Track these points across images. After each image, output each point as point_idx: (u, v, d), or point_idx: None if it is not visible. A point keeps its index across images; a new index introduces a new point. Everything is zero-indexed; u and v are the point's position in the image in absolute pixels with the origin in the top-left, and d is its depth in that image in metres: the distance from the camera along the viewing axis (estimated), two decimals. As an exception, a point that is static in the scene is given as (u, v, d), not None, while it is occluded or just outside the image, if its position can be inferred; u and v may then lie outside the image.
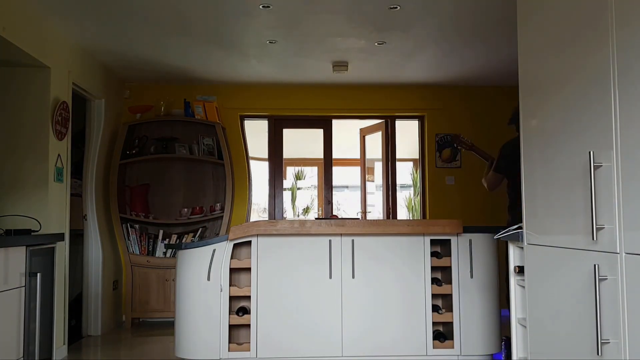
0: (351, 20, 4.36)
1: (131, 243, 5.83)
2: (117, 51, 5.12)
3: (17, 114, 4.26)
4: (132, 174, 6.14)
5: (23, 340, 3.25)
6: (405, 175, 9.52)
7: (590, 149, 1.88)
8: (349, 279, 3.93)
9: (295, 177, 10.87)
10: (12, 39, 3.76)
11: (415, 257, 3.96)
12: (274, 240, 3.94)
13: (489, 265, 4.01)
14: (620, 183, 1.75)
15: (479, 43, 4.95)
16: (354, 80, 6.15)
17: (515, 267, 2.83)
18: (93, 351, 4.88)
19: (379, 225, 4.00)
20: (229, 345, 3.86)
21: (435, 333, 3.95)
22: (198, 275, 3.88)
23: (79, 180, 5.44)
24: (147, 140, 6.06)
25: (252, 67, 5.64)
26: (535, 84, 2.46)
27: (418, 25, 4.48)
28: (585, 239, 1.94)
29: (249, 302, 3.96)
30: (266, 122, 6.62)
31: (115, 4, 4.01)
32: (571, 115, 2.10)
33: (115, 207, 5.75)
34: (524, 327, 2.66)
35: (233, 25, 4.45)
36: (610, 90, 1.81)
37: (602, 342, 1.82)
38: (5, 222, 3.96)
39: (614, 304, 1.78)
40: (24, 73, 4.28)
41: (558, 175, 2.19)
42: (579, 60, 2.04)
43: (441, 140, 6.47)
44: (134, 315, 5.78)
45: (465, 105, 6.47)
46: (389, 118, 6.63)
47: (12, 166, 4.22)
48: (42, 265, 3.52)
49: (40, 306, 3.42)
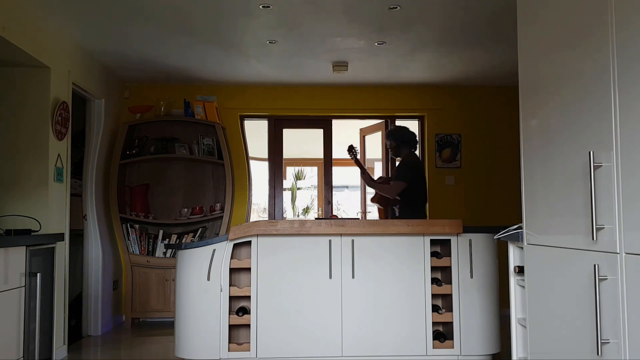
0: (351, 20, 4.36)
1: (131, 243, 5.83)
2: (117, 51, 5.12)
3: (17, 114, 4.26)
4: (132, 174, 6.14)
5: (23, 340, 3.26)
6: (405, 175, 9.49)
7: (590, 149, 1.88)
8: (349, 279, 3.93)
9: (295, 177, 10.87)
10: (12, 39, 3.76)
11: (415, 257, 3.96)
12: (274, 240, 3.94)
13: (489, 265, 4.01)
14: (620, 183, 1.75)
15: (478, 43, 4.95)
16: (354, 80, 6.15)
17: (515, 267, 2.83)
18: (93, 351, 4.88)
19: (379, 225, 4.00)
20: (229, 345, 3.86)
21: (435, 333, 3.95)
22: (198, 275, 3.88)
23: (79, 180, 5.44)
24: (147, 140, 6.06)
25: (252, 67, 5.64)
26: (535, 84, 2.46)
27: (418, 25, 4.48)
28: (585, 239, 1.94)
29: (248, 302, 3.96)
30: (266, 122, 6.62)
31: (115, 4, 4.01)
32: (571, 115, 2.10)
33: (115, 207, 5.75)
34: (524, 327, 2.66)
35: (233, 25, 4.45)
36: (610, 90, 1.81)
37: (602, 342, 1.82)
38: (5, 222, 3.96)
39: (614, 304, 1.78)
40: (24, 73, 4.28)
41: (558, 175, 2.19)
42: (579, 61, 2.04)
43: (441, 140, 6.48)
44: (134, 315, 5.78)
45: (465, 105, 6.47)
46: (389, 118, 6.63)
47: (12, 166, 4.22)
48: (42, 265, 3.53)
49: (40, 306, 3.42)
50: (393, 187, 4.88)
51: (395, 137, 5.08)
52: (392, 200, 4.96)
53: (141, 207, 5.98)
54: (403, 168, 4.98)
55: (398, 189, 4.84)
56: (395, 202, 4.93)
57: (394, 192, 4.87)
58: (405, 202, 4.88)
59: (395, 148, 5.08)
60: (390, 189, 4.90)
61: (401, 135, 5.10)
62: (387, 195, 4.93)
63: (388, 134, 5.17)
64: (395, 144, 5.07)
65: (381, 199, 5.09)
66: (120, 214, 5.78)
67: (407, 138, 5.07)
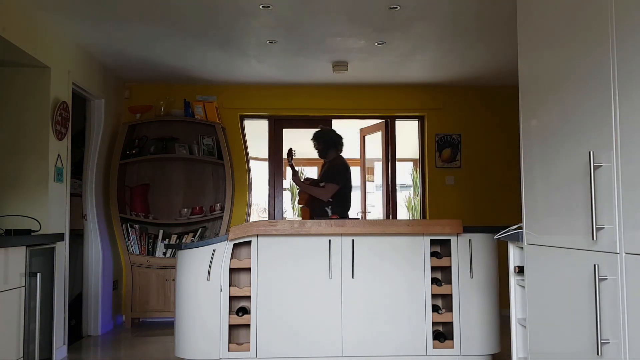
0: (351, 20, 4.36)
1: (131, 243, 5.83)
2: (117, 51, 5.12)
3: (17, 114, 4.26)
4: (132, 174, 6.14)
5: (23, 340, 3.25)
6: (405, 175, 9.51)
7: (590, 149, 1.88)
8: (349, 279, 3.93)
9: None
10: (12, 39, 3.76)
11: (415, 257, 3.96)
12: (274, 240, 3.94)
13: (489, 265, 4.01)
14: (620, 183, 1.75)
15: (478, 43, 4.95)
16: (354, 80, 6.14)
17: (515, 267, 2.83)
18: (93, 351, 4.88)
19: (378, 225, 4.00)
20: (229, 345, 3.86)
21: (435, 333, 3.95)
22: (198, 275, 3.88)
23: (79, 180, 5.44)
24: (147, 140, 6.06)
25: (252, 67, 5.64)
26: (535, 83, 2.46)
27: (418, 25, 4.48)
28: (585, 239, 1.94)
29: (248, 302, 3.96)
30: (266, 122, 6.62)
31: (115, 4, 4.01)
32: (571, 115, 2.10)
33: (115, 207, 5.75)
34: (524, 327, 2.66)
35: (233, 25, 4.45)
36: (611, 91, 1.81)
37: (602, 342, 1.82)
38: (5, 222, 3.96)
39: (614, 304, 1.78)
40: (24, 73, 4.28)
41: (558, 175, 2.19)
42: (579, 61, 2.04)
43: (441, 140, 6.48)
44: (134, 315, 5.78)
45: (465, 105, 6.47)
46: (388, 118, 6.63)
47: (12, 166, 4.22)
48: (42, 265, 3.52)
49: (40, 306, 3.42)
50: (328, 190, 5.00)
51: (323, 140, 5.19)
52: (322, 201, 5.02)
53: (141, 207, 5.98)
54: (335, 170, 5.10)
55: (332, 191, 5.00)
56: (327, 203, 5.00)
57: (329, 194, 5.01)
58: (337, 203, 5.00)
59: (322, 150, 5.21)
60: (324, 192, 5.01)
61: (328, 137, 5.21)
62: (322, 197, 5.03)
63: (315, 136, 5.26)
64: (322, 147, 5.19)
65: (310, 200, 5.14)
66: (120, 214, 5.78)
67: (334, 140, 5.20)
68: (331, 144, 5.19)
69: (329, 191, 5.01)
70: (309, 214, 5.14)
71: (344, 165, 5.20)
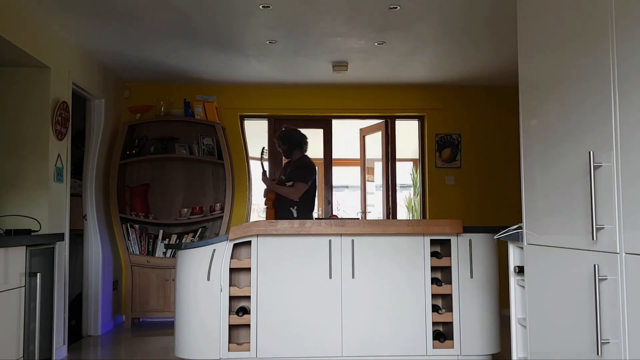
0: (351, 20, 4.36)
1: (131, 243, 5.83)
2: (117, 51, 5.12)
3: (17, 114, 4.26)
4: (132, 174, 6.14)
5: (23, 340, 3.25)
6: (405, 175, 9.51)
7: (590, 149, 1.88)
8: (349, 279, 3.93)
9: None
10: (12, 39, 3.76)
11: (415, 257, 3.96)
12: (274, 240, 3.94)
13: (488, 265, 4.01)
14: (620, 183, 1.75)
15: (479, 43, 4.95)
16: (354, 80, 6.14)
17: (515, 267, 2.83)
18: (93, 351, 4.88)
19: (378, 225, 4.00)
20: (229, 345, 3.86)
21: (435, 333, 3.95)
22: (198, 275, 3.88)
23: (79, 180, 5.44)
24: (147, 140, 6.06)
25: (252, 67, 5.64)
26: (535, 83, 2.46)
27: (418, 25, 4.48)
28: (585, 239, 1.94)
29: (248, 302, 3.96)
30: (266, 122, 6.62)
31: (115, 5, 4.01)
32: (571, 115, 2.10)
33: (115, 207, 5.75)
34: (524, 327, 2.66)
35: (233, 25, 4.45)
36: (611, 91, 1.81)
37: (602, 342, 1.82)
38: (5, 222, 3.96)
39: (614, 304, 1.78)
40: (24, 73, 4.28)
41: (558, 175, 2.19)
42: (579, 61, 2.04)
43: (441, 140, 6.48)
44: (134, 315, 5.78)
45: (465, 105, 6.47)
46: (389, 118, 6.63)
47: (12, 166, 4.22)
48: (42, 265, 3.52)
49: (40, 306, 3.42)
50: (297, 189, 4.97)
51: (288, 140, 5.20)
52: (288, 201, 5.01)
53: (141, 207, 5.98)
54: (301, 170, 5.08)
55: (302, 190, 4.98)
56: (292, 203, 4.99)
57: (299, 193, 4.98)
58: (302, 203, 4.99)
59: (287, 150, 5.21)
60: (294, 191, 4.98)
61: (292, 137, 5.21)
62: (291, 197, 4.99)
63: (279, 137, 5.27)
64: (287, 147, 5.19)
65: (277, 201, 5.09)
66: (120, 214, 5.78)
67: (298, 140, 5.19)
68: (296, 144, 5.17)
69: (298, 190, 4.96)
70: (274, 215, 5.07)
71: (312, 165, 5.19)
